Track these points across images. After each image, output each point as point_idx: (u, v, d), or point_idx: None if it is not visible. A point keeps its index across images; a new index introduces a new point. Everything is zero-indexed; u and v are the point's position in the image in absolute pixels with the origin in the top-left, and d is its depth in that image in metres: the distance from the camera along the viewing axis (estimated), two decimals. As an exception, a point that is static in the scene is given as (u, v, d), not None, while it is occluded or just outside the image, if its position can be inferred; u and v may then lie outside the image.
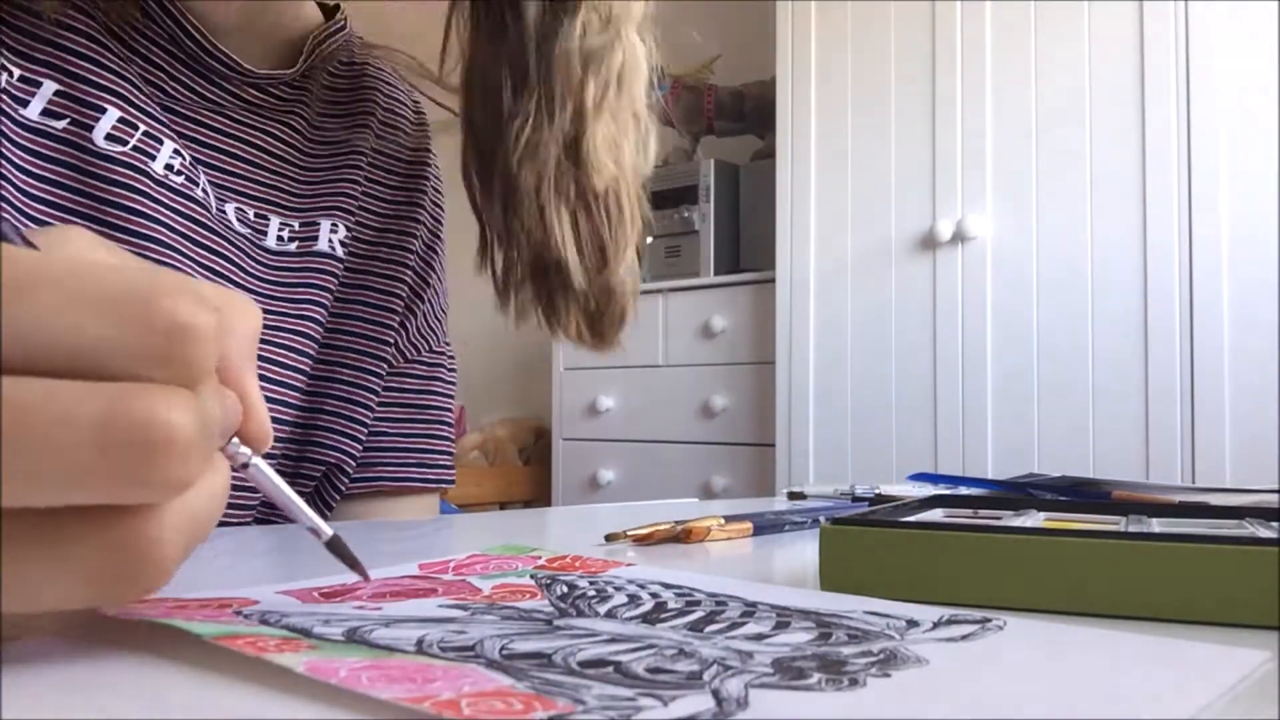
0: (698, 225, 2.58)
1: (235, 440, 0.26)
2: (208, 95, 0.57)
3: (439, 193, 0.71)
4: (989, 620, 0.28)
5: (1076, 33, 1.96)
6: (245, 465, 0.26)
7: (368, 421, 0.63)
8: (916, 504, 0.42)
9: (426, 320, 0.68)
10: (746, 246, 2.58)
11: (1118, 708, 0.20)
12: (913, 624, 0.27)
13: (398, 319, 0.64)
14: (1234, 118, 1.79)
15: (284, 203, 0.59)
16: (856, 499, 0.69)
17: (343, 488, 0.62)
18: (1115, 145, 1.91)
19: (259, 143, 0.59)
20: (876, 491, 0.70)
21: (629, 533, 0.46)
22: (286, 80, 0.60)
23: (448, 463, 0.68)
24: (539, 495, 2.97)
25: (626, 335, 0.62)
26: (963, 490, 0.69)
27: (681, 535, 0.47)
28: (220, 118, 0.57)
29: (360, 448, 0.62)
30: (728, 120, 2.74)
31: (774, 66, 2.38)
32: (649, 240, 2.74)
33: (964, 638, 0.26)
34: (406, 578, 0.33)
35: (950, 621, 0.28)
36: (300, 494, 0.60)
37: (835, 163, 2.26)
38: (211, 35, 0.56)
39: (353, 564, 0.29)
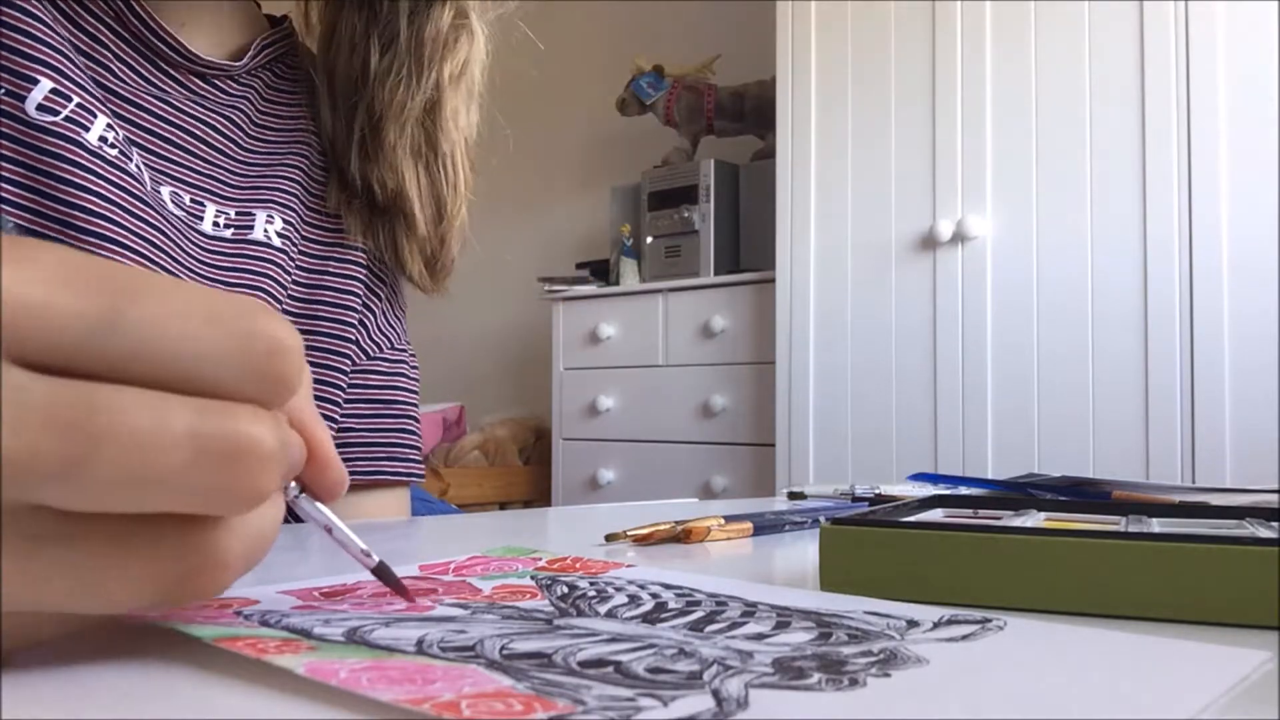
0: (698, 225, 2.58)
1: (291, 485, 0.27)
2: (150, 79, 0.58)
3: None
4: (989, 620, 0.28)
5: (1076, 33, 1.96)
6: (295, 498, 0.27)
7: (337, 417, 0.64)
8: (916, 504, 0.42)
9: (385, 318, 0.70)
10: (746, 246, 2.59)
11: (1118, 708, 0.20)
12: (913, 624, 0.27)
13: (356, 316, 0.66)
14: (1234, 118, 1.79)
15: (220, 191, 0.60)
16: (856, 499, 0.69)
17: None
18: (1115, 145, 1.91)
19: (197, 131, 0.60)
20: (876, 491, 0.70)
21: (629, 533, 0.46)
22: (233, 75, 0.62)
23: (417, 457, 0.70)
24: (539, 495, 2.97)
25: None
26: (963, 490, 0.69)
27: (681, 535, 0.47)
28: (160, 102, 0.58)
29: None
30: (728, 120, 2.74)
31: (774, 66, 2.38)
32: (649, 240, 2.72)
33: (964, 638, 0.26)
34: (407, 578, 0.33)
35: (950, 622, 0.28)
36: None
37: (835, 163, 2.26)
38: (160, 19, 0.57)
39: (401, 590, 0.30)
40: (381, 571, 0.29)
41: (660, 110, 2.77)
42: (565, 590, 0.32)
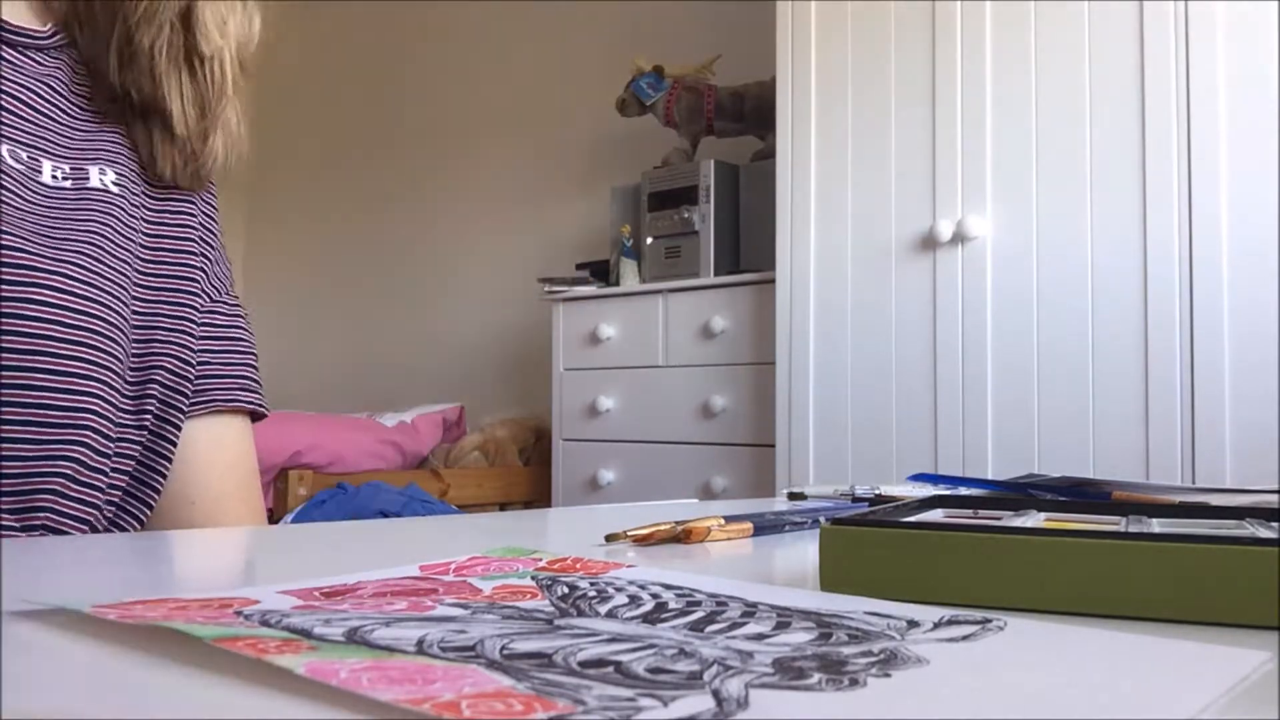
0: (698, 225, 2.58)
1: None
2: None
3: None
4: (989, 621, 0.28)
5: (1076, 33, 1.96)
6: None
7: (193, 347, 0.69)
8: (916, 504, 0.42)
9: (219, 266, 0.74)
10: (746, 246, 2.59)
11: (1118, 708, 0.20)
12: (913, 624, 0.27)
13: (198, 259, 0.71)
14: (1234, 118, 1.79)
15: (53, 151, 0.64)
16: (856, 499, 0.69)
17: (184, 407, 0.67)
18: (1115, 145, 1.91)
19: (23, 96, 0.64)
20: (876, 492, 0.70)
21: (629, 533, 0.46)
22: (43, 48, 0.66)
23: (262, 392, 0.75)
24: (539, 496, 2.97)
25: (217, 175, 0.73)
26: (963, 490, 0.69)
27: (681, 535, 0.47)
28: None
29: (193, 370, 0.68)
30: (728, 120, 2.74)
31: (774, 66, 2.38)
32: (649, 241, 2.72)
33: (964, 638, 0.26)
34: (407, 578, 0.33)
35: (951, 622, 0.28)
36: (145, 410, 0.65)
37: (835, 163, 2.26)
38: None
39: None
40: None
41: (660, 111, 2.78)
42: (565, 590, 0.32)
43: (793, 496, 0.73)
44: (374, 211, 4.07)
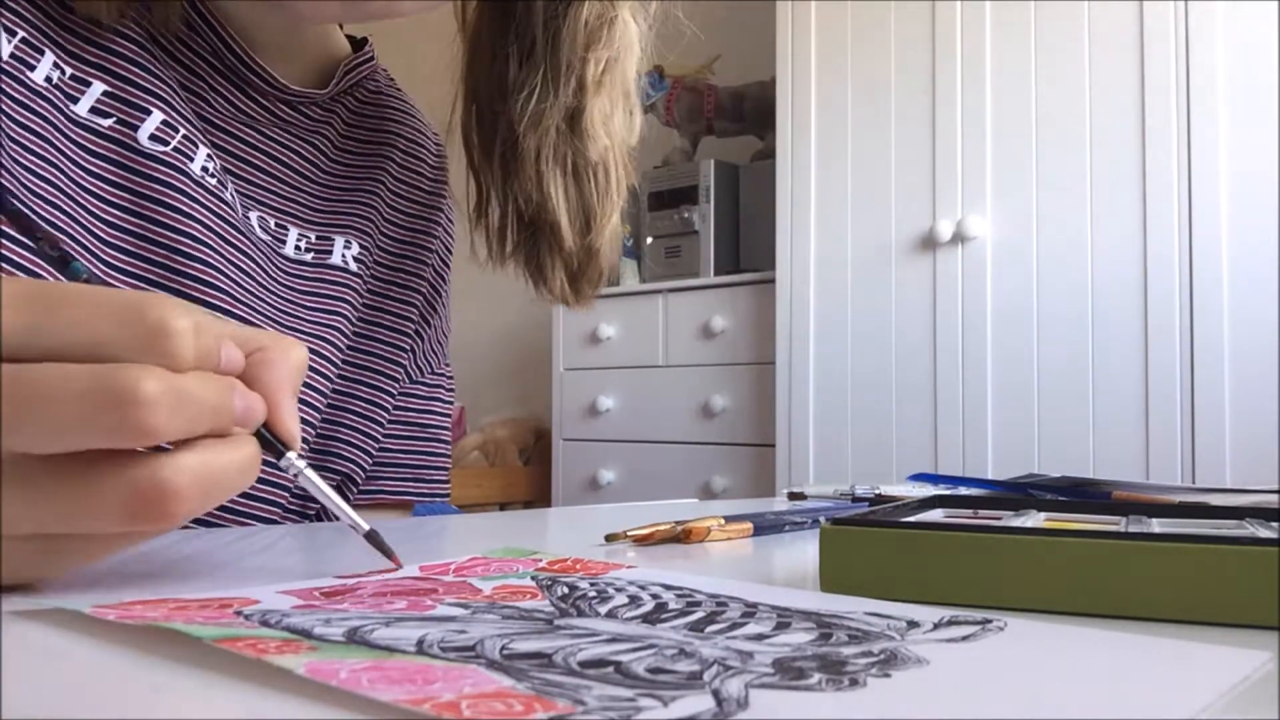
0: (698, 225, 2.58)
1: (289, 456, 0.33)
2: (242, 108, 0.59)
3: (451, 223, 0.74)
4: (989, 621, 0.28)
5: (1076, 33, 1.96)
6: (297, 475, 0.34)
7: (380, 437, 0.65)
8: (916, 504, 0.42)
9: (432, 344, 0.71)
10: (746, 246, 2.58)
11: (1118, 708, 0.20)
12: (913, 625, 0.27)
13: (410, 341, 0.67)
14: (1234, 118, 1.79)
15: (303, 215, 0.61)
16: (856, 499, 0.69)
17: (350, 498, 0.64)
18: (1115, 145, 1.91)
19: (284, 157, 0.61)
20: (876, 492, 0.70)
21: (629, 533, 0.46)
22: (318, 101, 0.62)
23: (444, 479, 0.71)
24: (539, 496, 2.97)
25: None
26: (963, 490, 0.69)
27: (681, 535, 0.47)
28: (251, 130, 0.59)
29: (370, 461, 0.65)
30: (728, 120, 2.74)
31: (774, 66, 2.38)
32: (649, 241, 2.72)
33: (965, 638, 0.26)
34: (408, 578, 0.33)
35: (951, 622, 0.28)
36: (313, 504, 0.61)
37: (835, 163, 2.26)
38: (252, 49, 0.58)
39: (389, 554, 0.35)
40: (372, 538, 0.35)
41: (660, 110, 2.77)
42: (565, 591, 0.32)
43: (793, 496, 0.73)
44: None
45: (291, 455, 0.33)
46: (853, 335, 2.22)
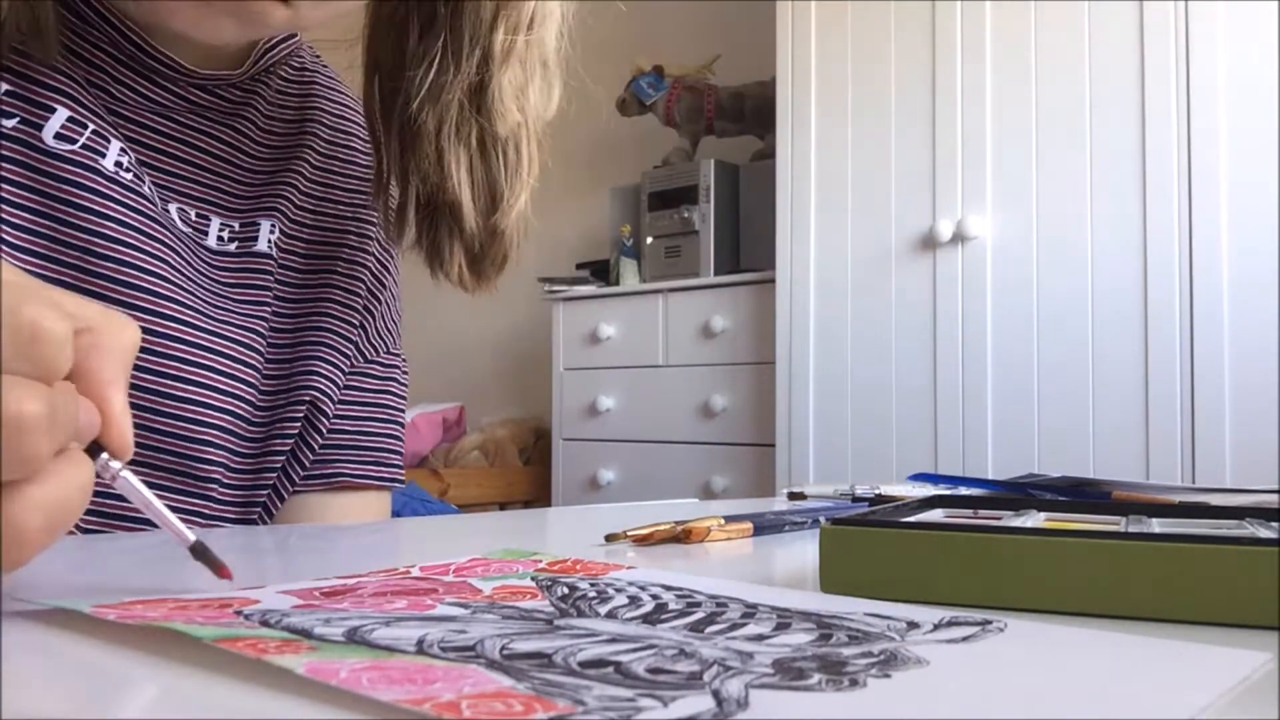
0: (698, 225, 2.58)
1: (104, 455, 0.30)
2: (151, 97, 0.57)
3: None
4: (990, 622, 0.28)
5: (1076, 33, 1.96)
6: (114, 477, 0.30)
7: (330, 415, 0.63)
8: (916, 504, 0.42)
9: (384, 321, 0.68)
10: (746, 246, 2.58)
11: (1118, 708, 0.20)
12: (913, 625, 0.27)
13: (359, 318, 0.65)
14: (1234, 118, 1.79)
15: (225, 204, 0.60)
16: (856, 499, 0.69)
17: (297, 479, 0.62)
18: (1115, 145, 1.91)
19: (202, 145, 0.59)
20: (876, 492, 0.69)
21: (629, 533, 0.46)
22: (234, 83, 0.60)
23: (400, 463, 0.68)
24: (539, 495, 2.97)
25: (501, 278, 0.63)
26: (963, 490, 0.69)
27: (681, 535, 0.47)
28: (163, 119, 0.58)
29: (320, 441, 0.63)
30: (728, 120, 2.74)
31: (774, 66, 2.38)
32: (649, 240, 2.72)
33: (965, 639, 0.26)
34: (407, 578, 0.33)
35: (951, 623, 0.28)
36: (264, 484, 0.59)
37: (835, 163, 2.26)
38: (153, 38, 0.56)
39: (217, 567, 0.31)
40: (199, 551, 0.31)
41: (660, 110, 2.77)
42: (565, 591, 0.32)
43: (793, 496, 0.73)
44: (374, 211, 4.06)
45: (105, 456, 0.30)
46: (853, 335, 2.22)
